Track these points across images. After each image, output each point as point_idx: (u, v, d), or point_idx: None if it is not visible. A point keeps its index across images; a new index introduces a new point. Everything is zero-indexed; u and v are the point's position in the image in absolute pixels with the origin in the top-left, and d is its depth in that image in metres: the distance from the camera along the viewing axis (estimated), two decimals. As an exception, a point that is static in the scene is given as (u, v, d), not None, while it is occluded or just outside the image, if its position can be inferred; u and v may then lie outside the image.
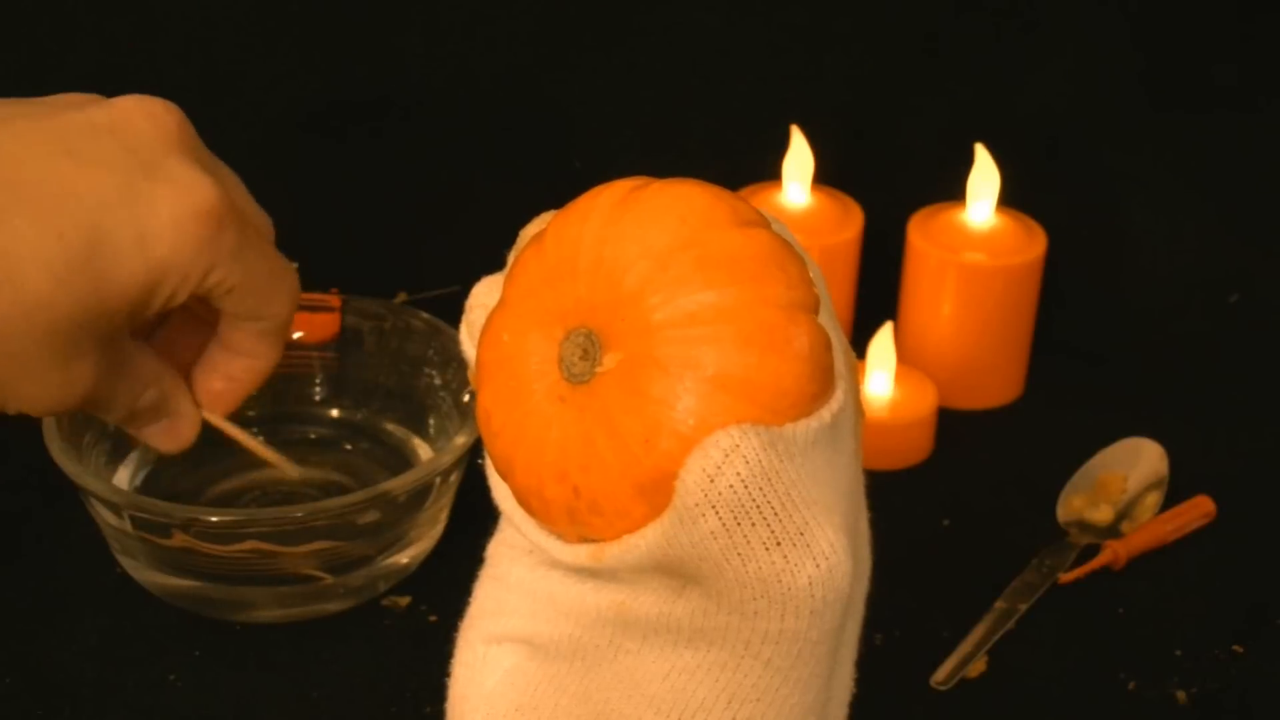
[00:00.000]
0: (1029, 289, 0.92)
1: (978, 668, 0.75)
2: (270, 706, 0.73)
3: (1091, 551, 0.82)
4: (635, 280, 0.46)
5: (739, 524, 0.46)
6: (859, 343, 0.92)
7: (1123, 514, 0.85)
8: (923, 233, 0.92)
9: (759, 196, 0.94)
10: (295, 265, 0.62)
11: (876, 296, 0.96)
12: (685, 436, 0.45)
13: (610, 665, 0.51)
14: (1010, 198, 0.93)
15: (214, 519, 0.73)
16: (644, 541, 0.47)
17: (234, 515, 0.74)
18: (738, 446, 0.45)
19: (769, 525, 0.46)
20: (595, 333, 0.47)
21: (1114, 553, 0.81)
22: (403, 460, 0.83)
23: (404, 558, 0.78)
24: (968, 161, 0.92)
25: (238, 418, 0.64)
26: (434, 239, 1.00)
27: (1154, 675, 0.75)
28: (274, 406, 0.85)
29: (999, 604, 0.78)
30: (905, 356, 0.91)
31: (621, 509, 0.47)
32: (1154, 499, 0.85)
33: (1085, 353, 0.98)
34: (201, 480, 0.82)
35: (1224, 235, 1.04)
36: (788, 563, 0.46)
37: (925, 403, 0.89)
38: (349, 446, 0.85)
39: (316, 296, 0.85)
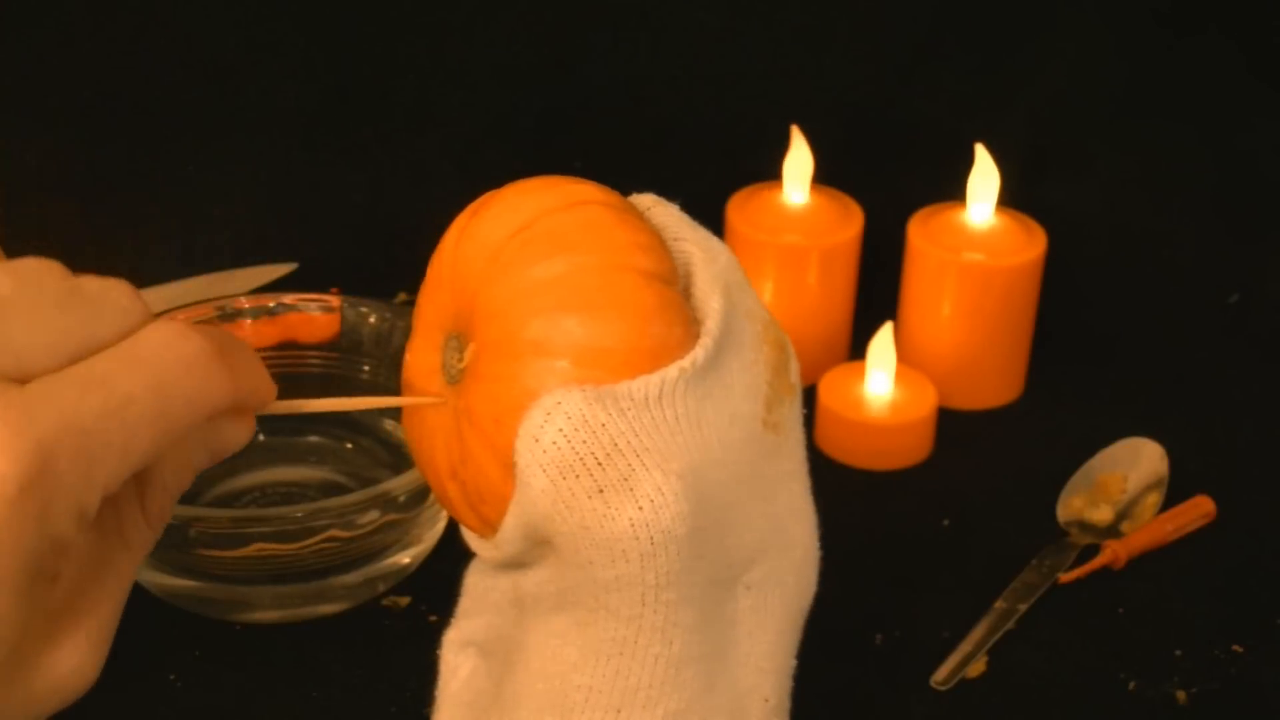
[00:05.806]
0: (1029, 289, 0.92)
1: (978, 668, 0.75)
2: (270, 706, 0.73)
3: (1091, 551, 0.82)
4: (477, 275, 0.49)
5: (564, 478, 0.47)
6: (859, 343, 0.92)
7: (1123, 514, 0.85)
8: (923, 233, 0.92)
9: (759, 197, 0.94)
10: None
11: (876, 296, 0.95)
12: (523, 407, 0.47)
13: (516, 647, 0.53)
14: (1010, 198, 0.93)
15: (215, 518, 0.73)
16: (509, 518, 0.48)
17: (235, 515, 0.74)
18: (559, 404, 0.46)
19: (591, 475, 0.46)
20: (461, 334, 0.50)
21: (1114, 553, 0.81)
22: (403, 460, 0.83)
23: (404, 558, 0.78)
24: (968, 161, 0.92)
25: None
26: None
27: (1154, 675, 0.75)
28: (274, 406, 0.85)
29: (999, 604, 0.78)
30: (905, 356, 0.91)
31: (498, 493, 0.49)
32: (1154, 499, 0.85)
33: (1085, 353, 0.98)
34: (201, 481, 0.82)
35: (1224, 235, 1.04)
36: (608, 508, 0.47)
37: (925, 403, 0.89)
38: (349, 446, 0.85)
39: (316, 296, 0.85)
